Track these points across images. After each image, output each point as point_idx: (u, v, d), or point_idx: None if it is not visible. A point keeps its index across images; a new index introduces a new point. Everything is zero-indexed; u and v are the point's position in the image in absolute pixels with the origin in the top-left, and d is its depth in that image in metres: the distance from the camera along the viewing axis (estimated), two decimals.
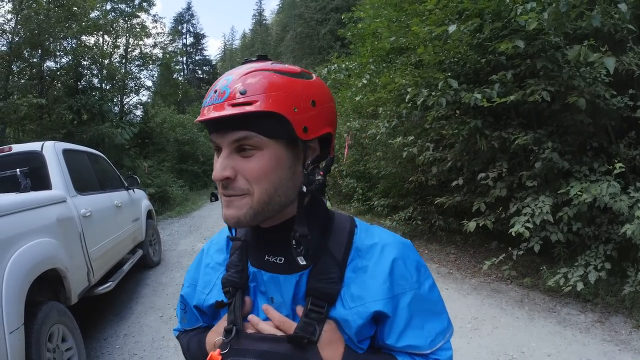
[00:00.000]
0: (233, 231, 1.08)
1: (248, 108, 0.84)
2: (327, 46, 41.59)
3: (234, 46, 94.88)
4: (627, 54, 5.04)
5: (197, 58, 56.52)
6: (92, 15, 14.60)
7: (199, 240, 9.98)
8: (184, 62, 52.59)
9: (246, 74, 0.88)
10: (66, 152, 4.82)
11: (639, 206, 4.57)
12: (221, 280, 1.05)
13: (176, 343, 4.56)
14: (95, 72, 15.31)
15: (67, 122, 13.27)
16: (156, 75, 19.58)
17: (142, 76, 17.97)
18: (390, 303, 0.92)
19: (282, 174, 0.90)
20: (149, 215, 7.67)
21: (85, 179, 5.22)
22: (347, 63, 9.59)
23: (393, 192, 10.13)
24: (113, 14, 16.26)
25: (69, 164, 4.69)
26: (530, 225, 5.21)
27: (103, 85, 15.66)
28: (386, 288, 0.93)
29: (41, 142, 4.71)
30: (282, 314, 0.96)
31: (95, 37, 15.32)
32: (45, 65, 13.27)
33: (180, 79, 28.93)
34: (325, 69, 9.66)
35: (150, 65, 17.96)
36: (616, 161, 4.87)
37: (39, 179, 4.31)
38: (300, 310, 0.94)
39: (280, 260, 0.98)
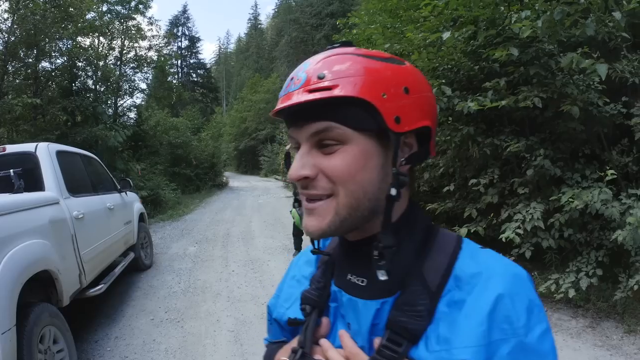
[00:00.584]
0: (317, 242, 0.94)
1: (327, 93, 0.72)
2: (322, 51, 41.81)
3: (229, 50, 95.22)
4: (620, 62, 5.08)
5: (191, 61, 56.76)
6: (88, 16, 14.57)
7: (191, 244, 9.98)
8: (179, 65, 52.68)
9: (325, 58, 0.78)
10: (60, 154, 4.82)
11: (631, 212, 4.57)
12: (301, 295, 0.94)
13: (167, 346, 4.63)
14: (90, 73, 15.24)
15: (61, 123, 13.21)
16: (150, 77, 19.55)
17: (136, 78, 17.95)
18: (482, 352, 0.70)
19: (371, 174, 0.77)
20: (141, 218, 7.67)
21: (78, 180, 5.21)
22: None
23: None
24: (109, 15, 16.21)
25: (63, 166, 4.70)
26: (520, 231, 5.22)
27: (97, 87, 15.60)
28: (481, 332, 0.71)
29: (35, 143, 4.72)
30: (357, 343, 0.80)
31: (91, 38, 15.30)
32: (40, 65, 13.20)
33: (174, 82, 28.91)
34: None
35: (145, 68, 17.92)
36: (608, 168, 4.91)
37: (32, 180, 4.31)
38: (377, 341, 0.77)
39: (362, 281, 0.84)
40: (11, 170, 4.15)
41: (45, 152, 4.57)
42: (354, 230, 0.81)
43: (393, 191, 0.75)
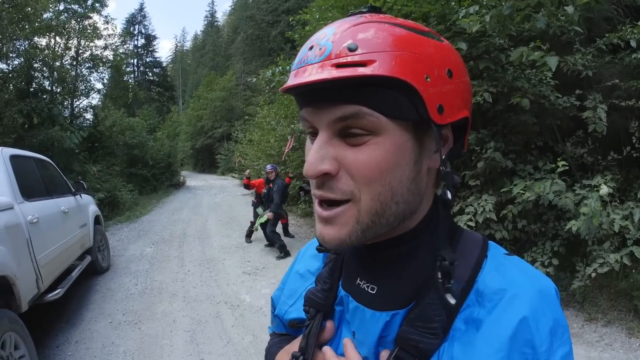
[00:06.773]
0: None
1: (361, 70, 0.58)
2: (278, 48, 41.37)
3: (185, 48, 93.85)
4: (573, 55, 5.13)
5: (148, 60, 55.82)
6: (45, 15, 14.23)
7: (148, 245, 9.97)
8: (135, 64, 51.76)
9: (356, 25, 0.63)
10: (13, 158, 4.77)
11: (585, 203, 4.65)
12: (304, 295, 0.86)
13: (125, 349, 4.66)
14: (46, 74, 14.87)
15: (17, 126, 12.89)
16: (106, 77, 19.20)
17: (92, 79, 17.59)
18: None
19: (403, 172, 0.65)
20: (97, 220, 7.61)
21: (32, 185, 5.14)
22: (291, 65, 9.50)
23: None
24: (65, 14, 15.83)
25: (16, 170, 4.65)
26: (472, 224, 5.33)
27: (53, 88, 15.22)
28: (499, 359, 0.61)
29: None
30: (362, 353, 0.73)
31: (47, 38, 14.93)
32: None
33: (130, 81, 28.46)
34: (270, 70, 9.55)
35: (101, 68, 17.58)
36: (559, 160, 5.03)
37: None
38: (384, 356, 0.69)
39: (372, 289, 0.74)
40: None
41: None
42: (378, 237, 0.69)
43: (448, 194, 0.66)
